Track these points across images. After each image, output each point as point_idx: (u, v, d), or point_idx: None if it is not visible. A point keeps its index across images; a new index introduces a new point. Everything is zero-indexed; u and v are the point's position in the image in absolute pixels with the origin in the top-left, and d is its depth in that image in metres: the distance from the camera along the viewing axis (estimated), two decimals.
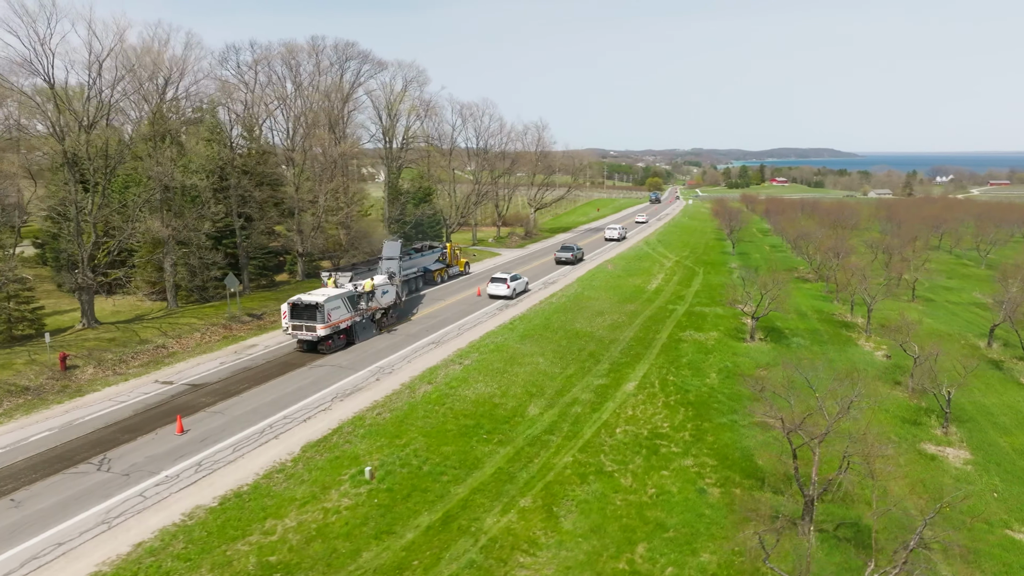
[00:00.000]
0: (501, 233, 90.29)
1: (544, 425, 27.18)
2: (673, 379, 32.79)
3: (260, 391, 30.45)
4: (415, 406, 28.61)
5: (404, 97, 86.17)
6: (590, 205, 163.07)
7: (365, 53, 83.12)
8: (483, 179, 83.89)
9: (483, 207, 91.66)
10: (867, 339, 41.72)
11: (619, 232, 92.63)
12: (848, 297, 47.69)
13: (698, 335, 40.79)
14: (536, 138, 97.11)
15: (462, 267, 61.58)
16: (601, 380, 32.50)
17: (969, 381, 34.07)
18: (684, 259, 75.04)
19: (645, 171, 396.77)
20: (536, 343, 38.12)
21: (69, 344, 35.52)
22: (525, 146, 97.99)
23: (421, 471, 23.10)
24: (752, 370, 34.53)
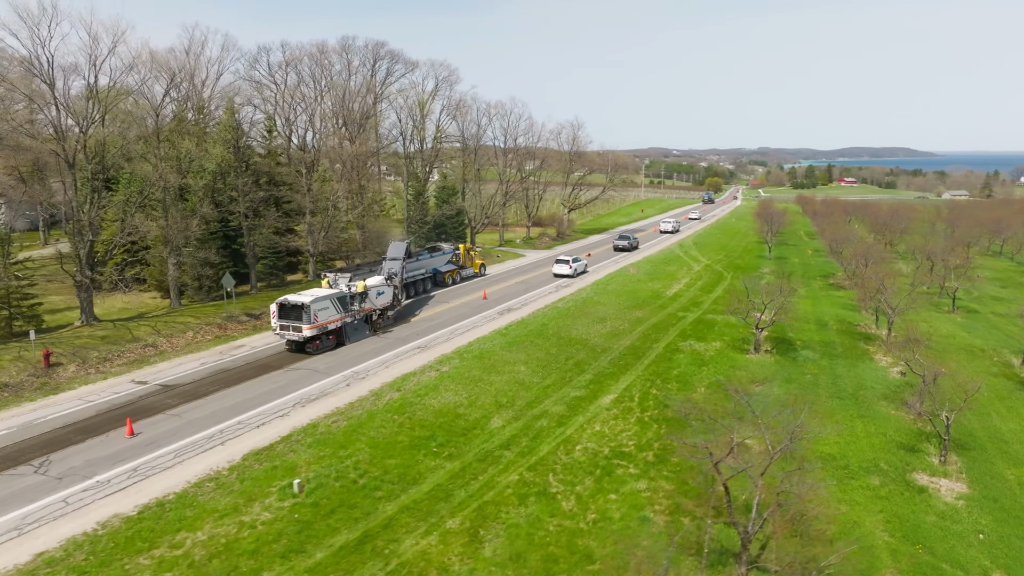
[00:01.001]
0: (531, 234, 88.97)
1: (502, 439, 25.93)
2: (656, 393, 31.01)
3: (227, 394, 30.14)
4: (374, 415, 27.76)
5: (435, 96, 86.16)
6: (635, 206, 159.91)
7: (396, 52, 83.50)
8: (509, 178, 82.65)
9: (512, 207, 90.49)
10: (886, 353, 38.81)
11: (673, 225, 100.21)
12: (874, 307, 44.61)
13: (699, 345, 38.72)
14: (571, 137, 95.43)
15: (477, 269, 60.62)
16: (579, 392, 30.98)
17: (990, 404, 31.31)
18: (715, 263, 72.28)
19: (707, 171, 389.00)
20: (523, 350, 36.81)
21: (61, 342, 36.10)
22: (559, 145, 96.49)
23: (356, 485, 22.19)
24: (747, 385, 32.43)
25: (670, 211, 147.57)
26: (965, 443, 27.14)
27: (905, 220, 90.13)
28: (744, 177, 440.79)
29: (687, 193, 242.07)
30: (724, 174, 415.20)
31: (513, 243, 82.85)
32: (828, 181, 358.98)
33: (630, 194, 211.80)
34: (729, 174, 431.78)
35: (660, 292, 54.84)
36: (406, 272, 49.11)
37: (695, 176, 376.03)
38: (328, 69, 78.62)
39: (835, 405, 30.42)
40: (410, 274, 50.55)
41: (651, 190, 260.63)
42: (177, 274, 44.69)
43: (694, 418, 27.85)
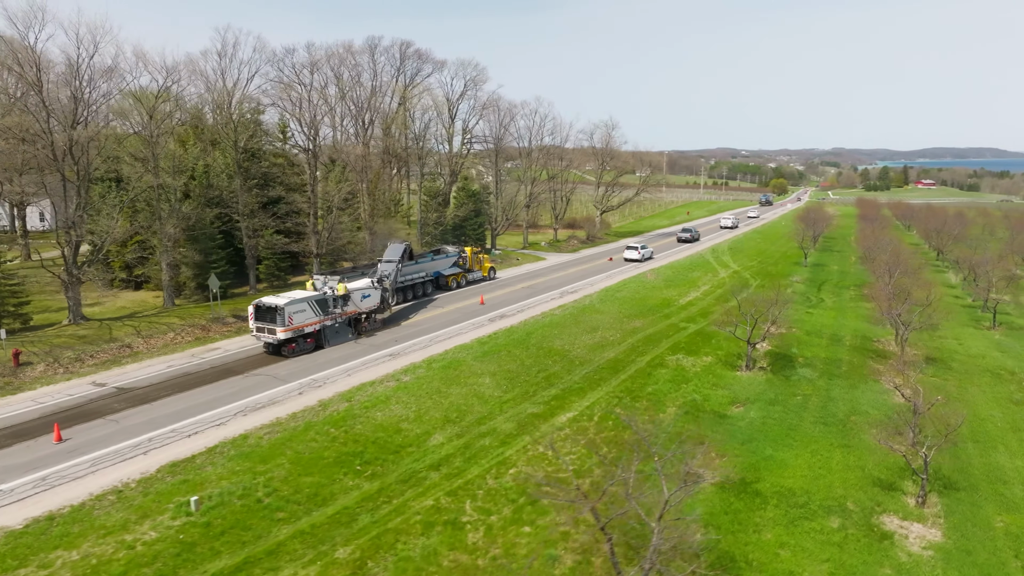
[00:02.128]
0: (559, 236, 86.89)
1: (436, 458, 24.39)
2: (620, 411, 28.87)
3: (176, 399, 29.57)
4: (311, 427, 26.63)
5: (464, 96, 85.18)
6: (681, 208, 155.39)
7: (423, 52, 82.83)
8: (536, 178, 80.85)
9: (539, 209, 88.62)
10: (897, 374, 35.44)
11: (732, 221, 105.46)
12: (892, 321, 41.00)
13: (687, 360, 36.23)
14: (604, 137, 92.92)
15: (485, 272, 59.15)
16: (536, 408, 29.14)
17: (1000, 436, 28.05)
18: (745, 269, 68.80)
19: (774, 172, 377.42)
20: (496, 361, 35.14)
21: (40, 341, 36.42)
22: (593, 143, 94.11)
23: (259, 505, 21.03)
24: (726, 406, 30.01)
25: (718, 213, 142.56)
26: (955, 481, 24.12)
27: (960, 226, 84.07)
28: (814, 178, 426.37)
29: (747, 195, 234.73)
30: (793, 175, 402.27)
31: (537, 246, 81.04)
32: (904, 183, 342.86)
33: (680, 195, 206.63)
34: (798, 175, 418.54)
35: (672, 300, 52.20)
36: (402, 275, 48.11)
37: (761, 177, 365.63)
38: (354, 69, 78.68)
39: (817, 432, 27.68)
40: (407, 277, 49.51)
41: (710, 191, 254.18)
42: (169, 274, 44.77)
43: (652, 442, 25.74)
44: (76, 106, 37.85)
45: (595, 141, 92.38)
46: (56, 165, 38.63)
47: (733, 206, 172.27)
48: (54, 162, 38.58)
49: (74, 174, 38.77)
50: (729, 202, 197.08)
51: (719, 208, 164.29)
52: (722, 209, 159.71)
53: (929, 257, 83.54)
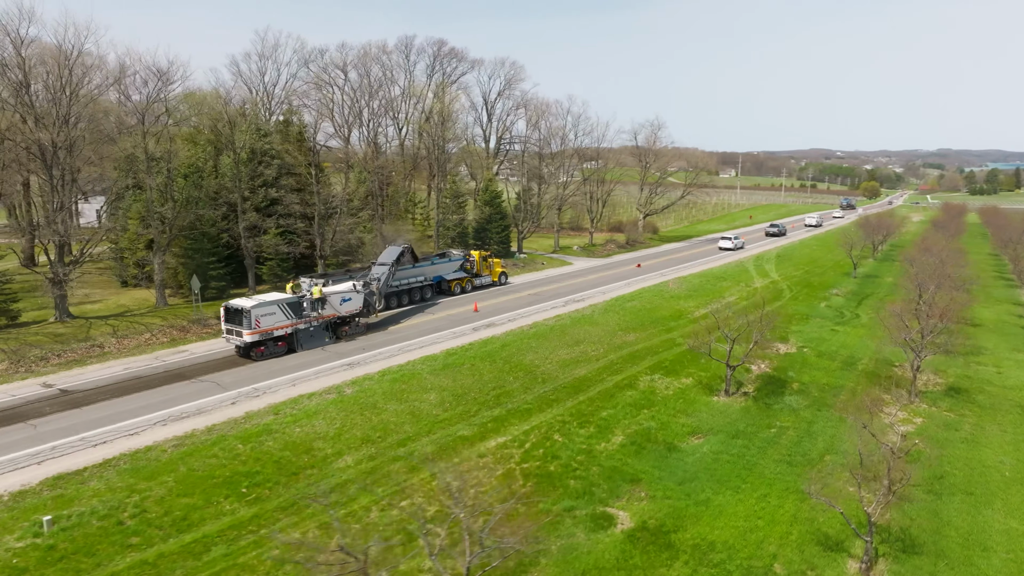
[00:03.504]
0: (595, 240, 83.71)
1: (332, 483, 22.64)
2: (558, 439, 26.29)
3: (110, 404, 28.97)
4: (221, 441, 25.37)
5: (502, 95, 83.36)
6: (744, 212, 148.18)
7: (458, 51, 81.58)
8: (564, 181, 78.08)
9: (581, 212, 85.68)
10: (905, 406, 31.24)
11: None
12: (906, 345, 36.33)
13: (663, 381, 33.09)
14: (650, 137, 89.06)
15: (495, 277, 57.03)
16: (469, 431, 26.91)
17: (1004, 489, 23.97)
18: (785, 279, 64.03)
19: (869, 174, 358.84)
20: (453, 375, 33.06)
21: (15, 338, 36.83)
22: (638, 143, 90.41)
23: (118, 527, 19.81)
24: (682, 437, 26.94)
25: (783, 218, 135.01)
26: (921, 544, 20.43)
27: None
28: (913, 181, 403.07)
29: (833, 198, 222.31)
30: (890, 178, 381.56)
31: (569, 250, 78.22)
32: (1016, 186, 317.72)
33: (753, 198, 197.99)
34: (896, 177, 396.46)
35: (685, 312, 48.67)
36: (395, 279, 46.72)
37: (853, 180, 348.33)
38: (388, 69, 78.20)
39: (777, 473, 24.30)
40: (402, 281, 48.09)
41: (794, 194, 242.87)
42: (161, 273, 44.89)
43: (570, 476, 23.24)
44: (56, 107, 38.16)
45: (639, 141, 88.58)
46: (43, 164, 39.07)
47: (809, 209, 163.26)
48: (41, 162, 39.05)
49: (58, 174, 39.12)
50: (807, 205, 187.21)
51: (788, 212, 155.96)
52: (791, 213, 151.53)
53: (1004, 270, 75.78)
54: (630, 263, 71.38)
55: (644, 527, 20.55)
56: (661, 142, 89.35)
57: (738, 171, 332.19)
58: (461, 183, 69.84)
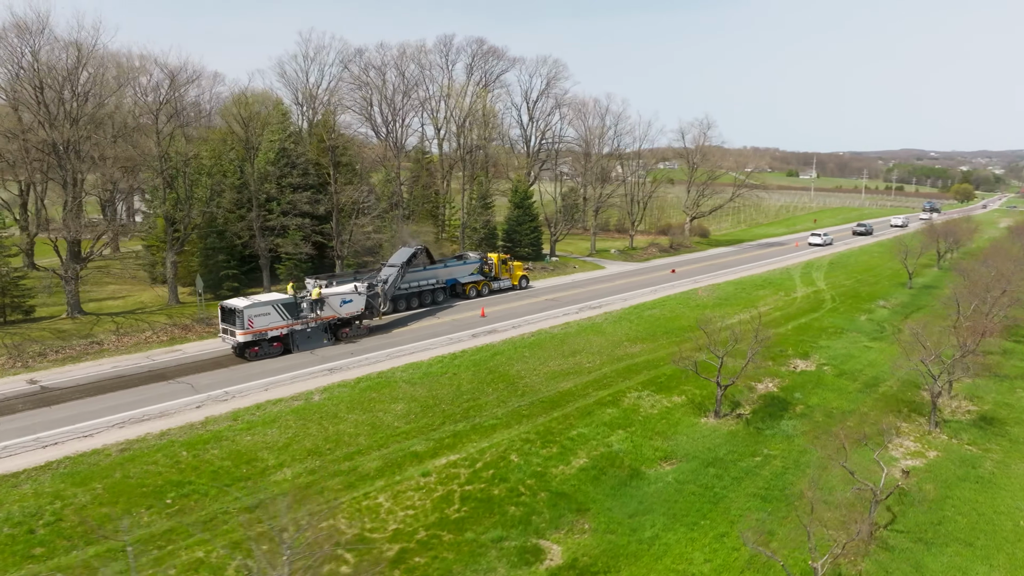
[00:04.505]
0: (635, 243, 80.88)
1: (260, 498, 21.64)
2: (515, 459, 24.62)
3: (82, 403, 29.06)
4: (167, 447, 24.90)
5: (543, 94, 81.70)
6: (809, 215, 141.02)
7: (498, 50, 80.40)
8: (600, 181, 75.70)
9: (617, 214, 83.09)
10: (920, 437, 28.05)
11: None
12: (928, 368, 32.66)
13: (651, 399, 30.85)
14: (698, 137, 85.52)
15: (515, 281, 55.45)
16: (423, 446, 25.55)
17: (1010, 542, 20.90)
18: (831, 288, 59.89)
19: (963, 176, 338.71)
20: (430, 385, 31.78)
21: (19, 334, 37.71)
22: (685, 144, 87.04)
23: (28, 535, 19.41)
24: (651, 462, 24.84)
25: (854, 222, 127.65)
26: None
27: None
28: (1015, 183, 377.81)
29: (917, 201, 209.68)
30: (988, 179, 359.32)
31: (606, 253, 75.77)
32: None
33: (827, 200, 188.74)
34: (995, 179, 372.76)
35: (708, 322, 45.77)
36: (404, 281, 45.84)
37: (945, 182, 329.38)
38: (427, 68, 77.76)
39: (745, 508, 21.94)
40: (411, 283, 47.19)
41: (877, 196, 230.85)
42: (174, 272, 45.45)
43: (512, 501, 21.57)
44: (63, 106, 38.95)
45: (686, 141, 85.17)
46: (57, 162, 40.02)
47: (879, 213, 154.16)
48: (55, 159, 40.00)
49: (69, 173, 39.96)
50: (882, 209, 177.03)
51: (861, 215, 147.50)
52: (863, 217, 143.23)
53: None
54: (667, 268, 68.44)
55: (573, 566, 18.68)
56: (711, 141, 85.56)
57: (814, 172, 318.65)
58: (489, 183, 68.48)
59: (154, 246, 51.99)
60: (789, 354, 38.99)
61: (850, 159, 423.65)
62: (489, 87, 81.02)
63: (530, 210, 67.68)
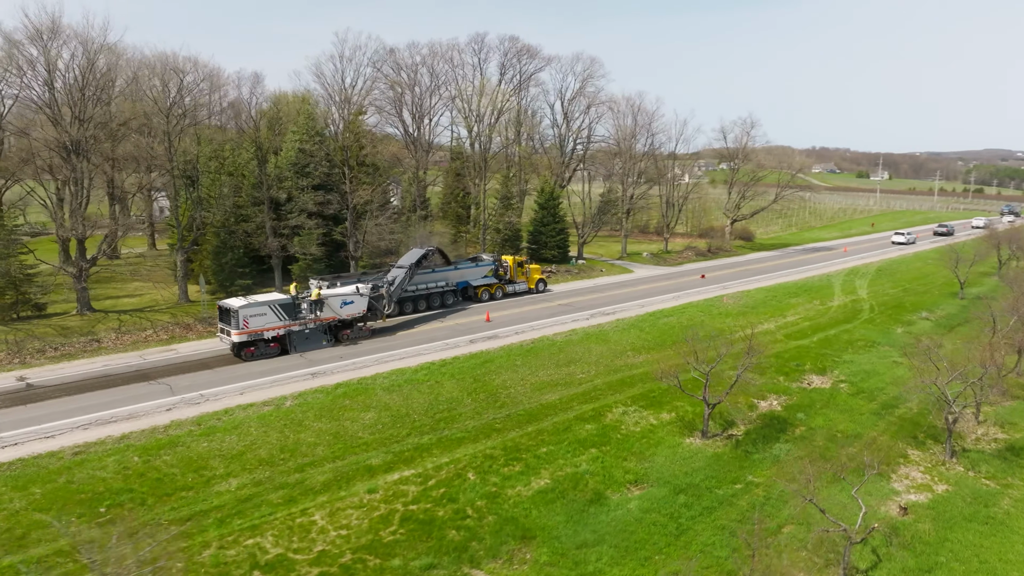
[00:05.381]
0: (670, 247, 78.09)
1: (193, 511, 20.89)
2: (471, 477, 23.20)
3: (58, 402, 29.14)
4: (125, 449, 24.53)
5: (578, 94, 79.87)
6: (866, 219, 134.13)
7: (531, 48, 78.87)
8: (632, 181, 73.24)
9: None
10: (930, 467, 25.33)
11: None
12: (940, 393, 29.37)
13: (637, 415, 28.91)
14: (740, 137, 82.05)
15: (531, 284, 53.85)
16: (379, 459, 24.41)
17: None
18: (873, 296, 56.16)
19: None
20: (409, 393, 30.64)
21: (22, 330, 38.34)
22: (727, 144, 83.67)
23: None
24: (619, 486, 23.05)
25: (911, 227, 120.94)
26: None
27: None
28: None
29: (995, 204, 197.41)
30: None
31: (637, 256, 73.30)
32: None
33: (891, 203, 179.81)
34: None
35: (723, 332, 43.25)
36: (411, 283, 44.91)
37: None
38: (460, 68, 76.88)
39: (708, 542, 19.97)
40: (420, 285, 46.21)
41: (948, 198, 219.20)
42: (184, 270, 45.72)
43: (455, 525, 20.18)
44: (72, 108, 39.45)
45: (728, 141, 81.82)
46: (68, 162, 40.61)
47: (945, 217, 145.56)
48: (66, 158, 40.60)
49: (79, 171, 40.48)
50: (954, 212, 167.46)
51: (926, 219, 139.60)
52: (928, 220, 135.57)
53: None
54: (698, 273, 65.61)
55: None
56: (754, 142, 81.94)
57: (884, 173, 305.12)
58: (512, 183, 67.04)
59: (175, 245, 52.64)
60: (806, 369, 36.28)
61: (926, 160, 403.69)
62: (523, 86, 79.61)
63: (556, 211, 65.88)
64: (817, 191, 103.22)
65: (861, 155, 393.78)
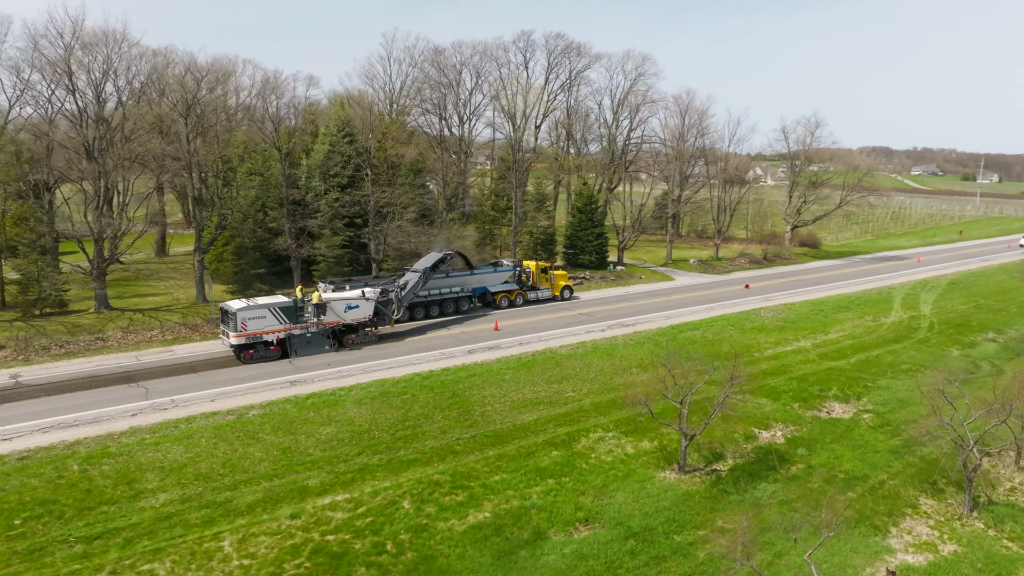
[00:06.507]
0: (721, 253, 73.91)
1: (99, 531, 20.02)
2: (406, 506, 21.47)
3: (36, 402, 29.46)
4: (69, 457, 24.15)
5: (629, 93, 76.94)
6: (954, 227, 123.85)
7: (579, 46, 76.42)
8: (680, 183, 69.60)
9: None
10: (941, 522, 21.81)
11: None
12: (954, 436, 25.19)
13: (613, 442, 26.44)
14: (803, 137, 76.90)
15: (556, 291, 51.55)
16: (320, 480, 23.04)
17: None
18: (935, 314, 50.92)
19: None
20: (380, 406, 29.21)
21: (33, 327, 39.14)
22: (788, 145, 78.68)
23: None
24: (564, 525, 20.85)
25: (1016, 234, 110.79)
26: None
27: None
28: None
29: None
30: None
31: (684, 263, 69.63)
32: None
33: (991, 207, 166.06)
34: None
35: (751, 349, 40.06)
36: (424, 288, 43.62)
37: None
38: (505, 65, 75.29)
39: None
40: (433, 291, 44.86)
41: None
42: (201, 271, 46.02)
43: (366, 561, 18.55)
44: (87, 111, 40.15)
45: (790, 143, 76.85)
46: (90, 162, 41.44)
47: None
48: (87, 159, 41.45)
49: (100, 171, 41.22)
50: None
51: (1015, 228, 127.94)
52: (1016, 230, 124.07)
53: None
54: (744, 282, 61.52)
55: None
56: (819, 143, 76.59)
57: (993, 175, 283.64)
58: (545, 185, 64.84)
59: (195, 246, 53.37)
60: (829, 395, 32.69)
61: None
62: (572, 83, 77.24)
63: (594, 216, 63.24)
64: (887, 194, 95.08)
65: (968, 156, 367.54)
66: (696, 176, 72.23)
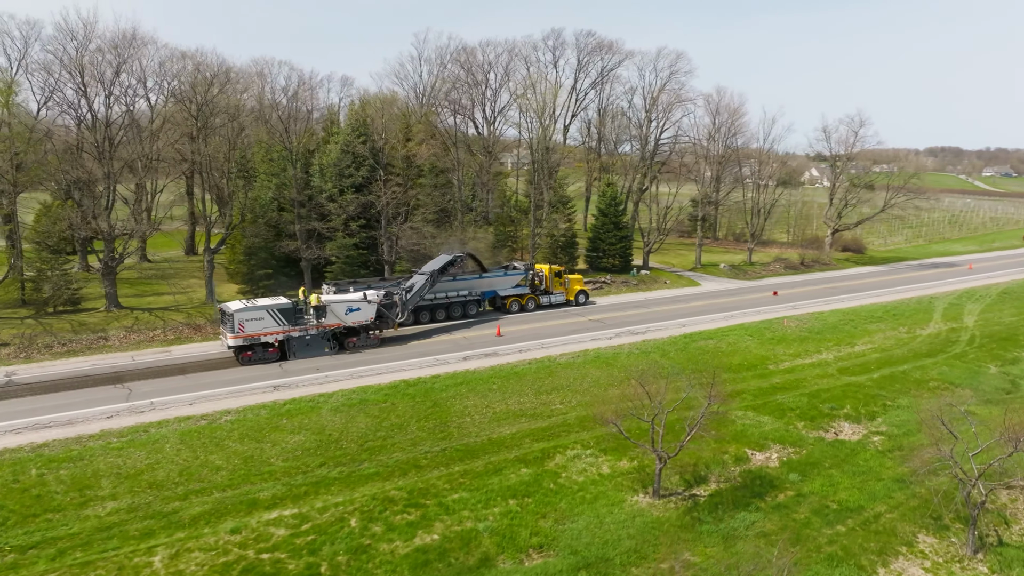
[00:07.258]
0: (755, 257, 70.96)
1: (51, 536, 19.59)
2: (353, 524, 20.45)
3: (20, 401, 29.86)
4: (31, 460, 24.03)
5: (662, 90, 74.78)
6: (1017, 231, 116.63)
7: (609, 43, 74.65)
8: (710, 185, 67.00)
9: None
10: (940, 564, 19.65)
11: None
12: None
13: (587, 460, 24.96)
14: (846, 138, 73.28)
15: (570, 296, 49.98)
16: (272, 492, 22.24)
17: None
18: (979, 326, 47.53)
19: None
20: (354, 415, 28.37)
21: (40, 324, 39.67)
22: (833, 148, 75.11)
23: None
24: (516, 551, 19.54)
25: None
26: None
27: None
28: None
29: None
30: None
31: (714, 268, 67.05)
32: None
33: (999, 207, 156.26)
34: None
35: (766, 361, 37.96)
36: (431, 291, 42.73)
37: None
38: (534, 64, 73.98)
39: None
40: (439, 294, 43.92)
41: None
42: (210, 271, 46.15)
43: None
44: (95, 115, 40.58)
45: (831, 143, 73.32)
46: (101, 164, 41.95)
47: None
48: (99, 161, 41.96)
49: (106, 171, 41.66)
50: None
51: None
52: None
53: None
54: (774, 289, 58.71)
55: None
56: (864, 143, 72.82)
57: None
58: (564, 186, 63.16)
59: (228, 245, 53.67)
60: (841, 414, 30.41)
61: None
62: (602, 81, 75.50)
63: (618, 218, 61.34)
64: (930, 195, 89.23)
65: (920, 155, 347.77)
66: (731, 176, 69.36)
